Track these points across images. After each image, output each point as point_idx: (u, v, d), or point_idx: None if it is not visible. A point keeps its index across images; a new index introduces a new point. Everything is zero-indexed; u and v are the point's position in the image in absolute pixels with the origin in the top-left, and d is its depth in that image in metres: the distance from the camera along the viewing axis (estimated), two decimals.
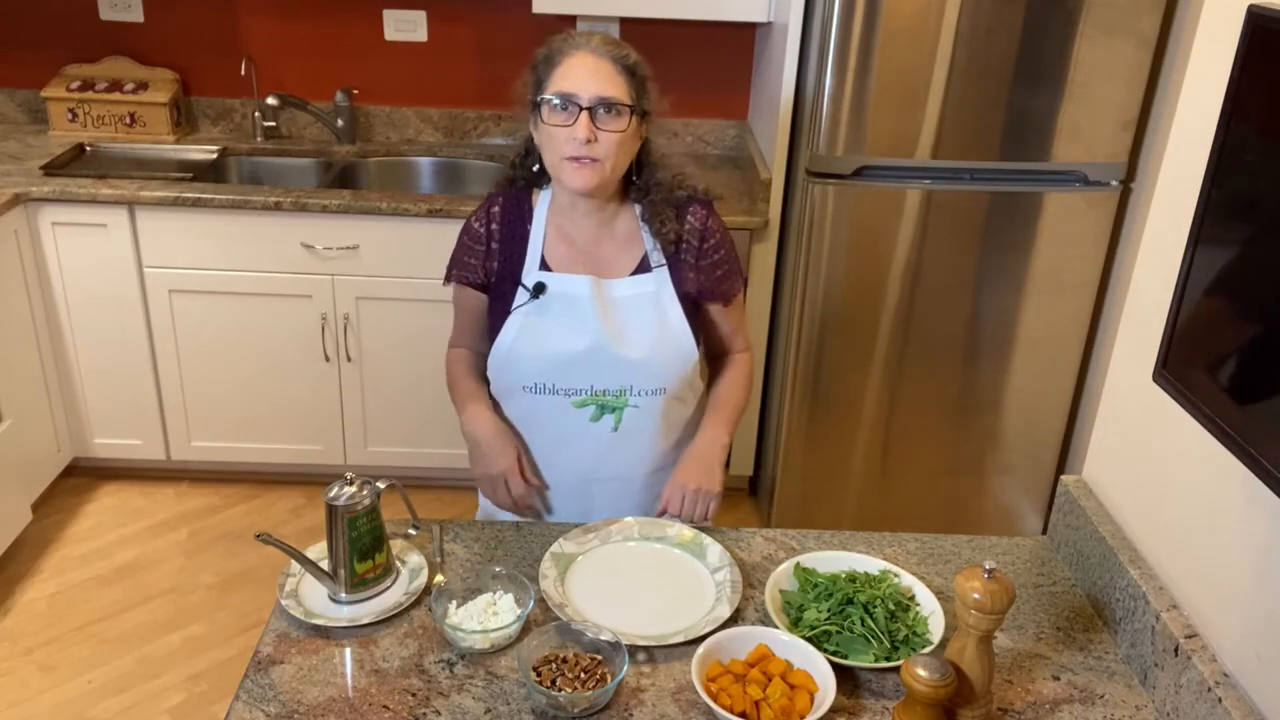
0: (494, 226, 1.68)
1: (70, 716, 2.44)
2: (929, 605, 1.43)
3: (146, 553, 2.99)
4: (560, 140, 1.55)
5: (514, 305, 1.65)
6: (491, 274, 1.69)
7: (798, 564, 1.50)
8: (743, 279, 1.78)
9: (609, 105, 1.53)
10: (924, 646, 1.37)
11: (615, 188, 1.64)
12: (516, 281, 1.65)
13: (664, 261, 1.65)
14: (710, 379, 1.80)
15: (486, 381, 1.77)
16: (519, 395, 1.69)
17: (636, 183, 1.65)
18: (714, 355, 1.80)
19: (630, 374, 1.64)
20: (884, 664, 1.33)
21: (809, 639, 1.35)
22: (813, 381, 2.88)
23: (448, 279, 1.75)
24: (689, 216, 1.67)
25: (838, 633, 1.37)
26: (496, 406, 1.74)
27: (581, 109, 1.52)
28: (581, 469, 1.72)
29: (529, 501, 1.66)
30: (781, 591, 1.46)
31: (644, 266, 1.66)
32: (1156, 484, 1.42)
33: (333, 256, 2.96)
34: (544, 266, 1.65)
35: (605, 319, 1.62)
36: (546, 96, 1.54)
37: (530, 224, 1.67)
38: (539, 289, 1.63)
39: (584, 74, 1.52)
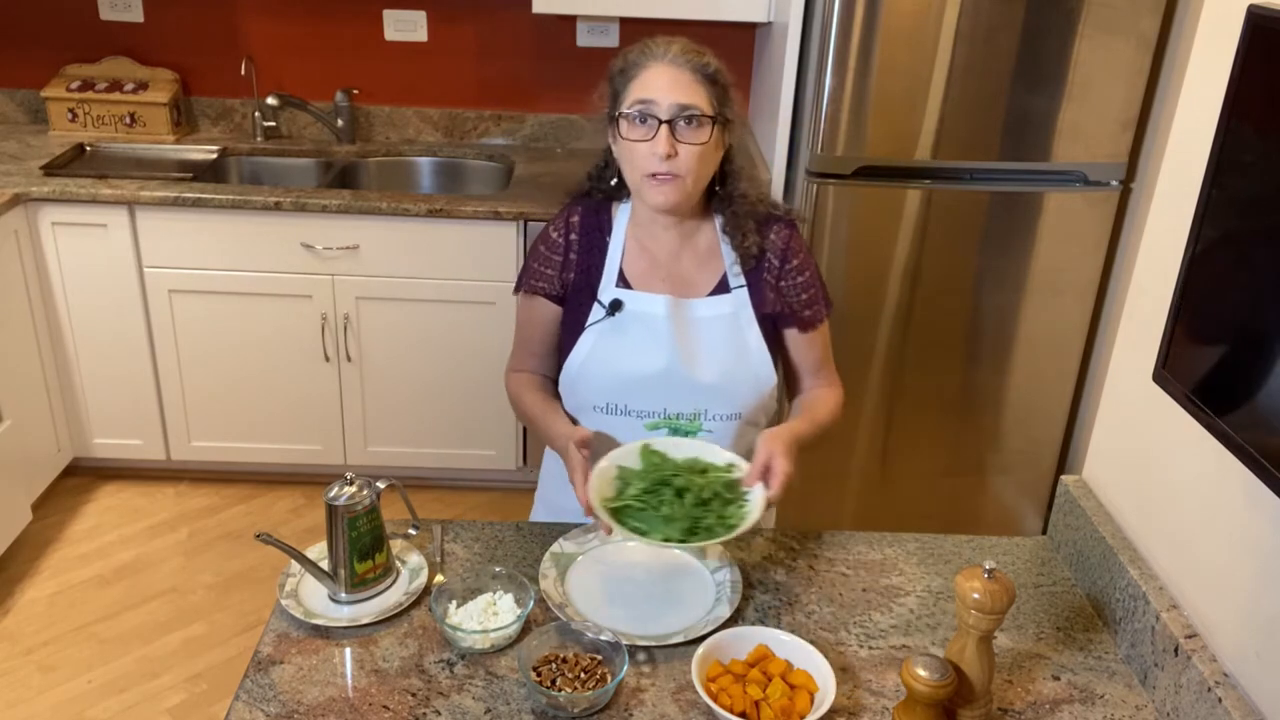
0: (573, 237, 1.63)
1: (70, 716, 2.44)
2: (756, 507, 1.43)
3: (146, 553, 3.00)
4: (640, 156, 1.49)
5: (589, 321, 1.60)
6: (568, 285, 1.63)
7: (646, 444, 1.52)
8: (828, 307, 1.68)
9: (689, 116, 1.47)
10: (725, 533, 1.37)
11: (698, 201, 1.58)
12: (592, 295, 1.61)
13: (744, 282, 1.60)
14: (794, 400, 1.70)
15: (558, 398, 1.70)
16: (589, 415, 1.64)
17: (719, 193, 1.59)
18: (795, 392, 1.70)
19: (704, 398, 1.59)
20: (674, 543, 1.36)
21: (613, 510, 1.40)
22: None
23: (519, 288, 1.68)
24: (772, 235, 1.60)
25: (641, 510, 1.40)
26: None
27: (661, 122, 1.46)
28: None
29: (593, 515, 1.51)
30: (620, 468, 1.49)
31: (723, 286, 1.60)
32: (1156, 484, 1.43)
33: (333, 256, 2.96)
34: (622, 281, 1.61)
35: (681, 341, 1.57)
36: (624, 110, 1.48)
37: (609, 236, 1.62)
38: (615, 306, 1.59)
39: (663, 85, 1.46)
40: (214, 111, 3.47)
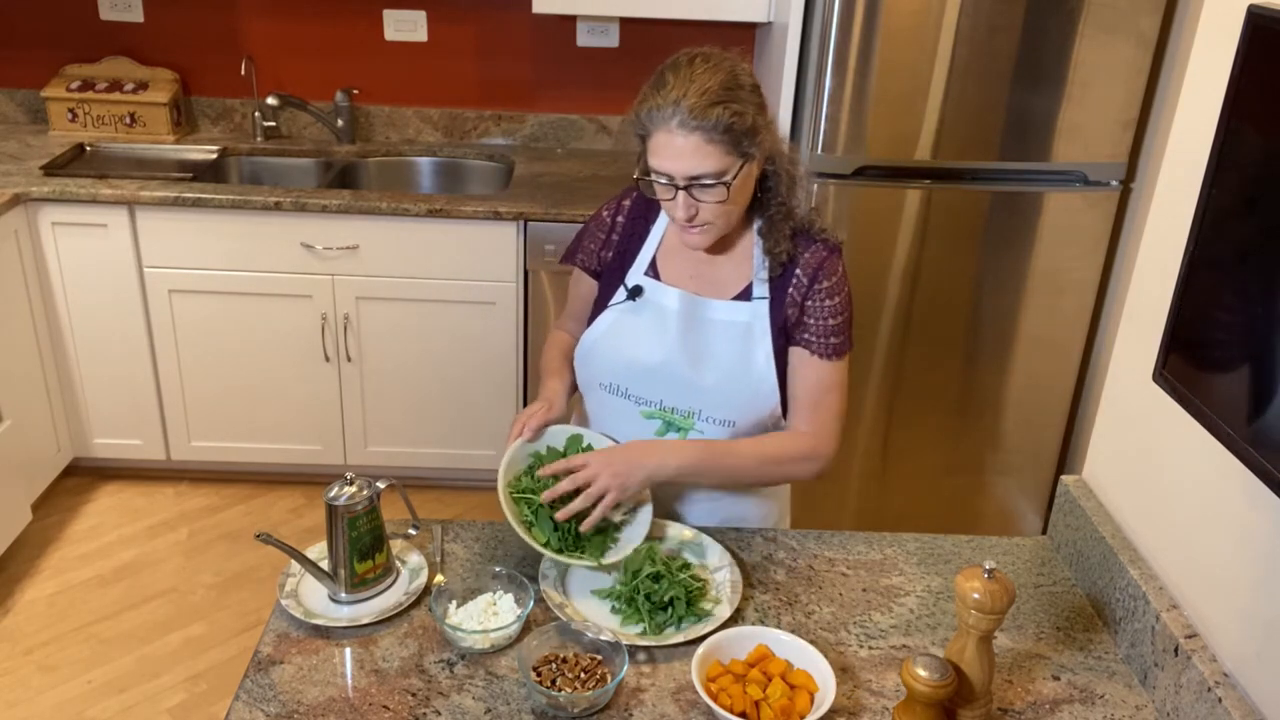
0: (620, 219, 1.68)
1: (70, 716, 2.44)
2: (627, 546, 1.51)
3: (146, 553, 3.00)
4: (667, 208, 1.53)
5: (610, 301, 1.65)
6: (604, 263, 1.69)
7: (578, 435, 1.62)
8: (848, 347, 1.60)
9: (703, 182, 1.46)
10: (590, 560, 1.47)
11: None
12: (623, 276, 1.65)
13: (767, 294, 1.58)
14: None
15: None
16: (596, 391, 1.68)
17: (759, 198, 1.58)
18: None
19: (700, 399, 1.60)
20: (548, 551, 1.47)
21: (516, 494, 1.52)
22: None
23: (565, 259, 1.76)
24: (807, 254, 1.57)
25: (539, 505, 1.50)
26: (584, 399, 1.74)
27: (678, 188, 1.47)
28: None
29: (519, 427, 1.61)
30: (549, 447, 1.60)
31: (746, 294, 1.59)
32: (1156, 484, 1.42)
33: (333, 256, 2.96)
34: (652, 269, 1.64)
35: (686, 338, 1.59)
36: (647, 177, 1.50)
37: (653, 225, 1.66)
38: (636, 291, 1.62)
39: (672, 154, 1.45)
40: (214, 111, 3.47)
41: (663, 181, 1.48)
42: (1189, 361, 1.16)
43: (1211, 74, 1.31)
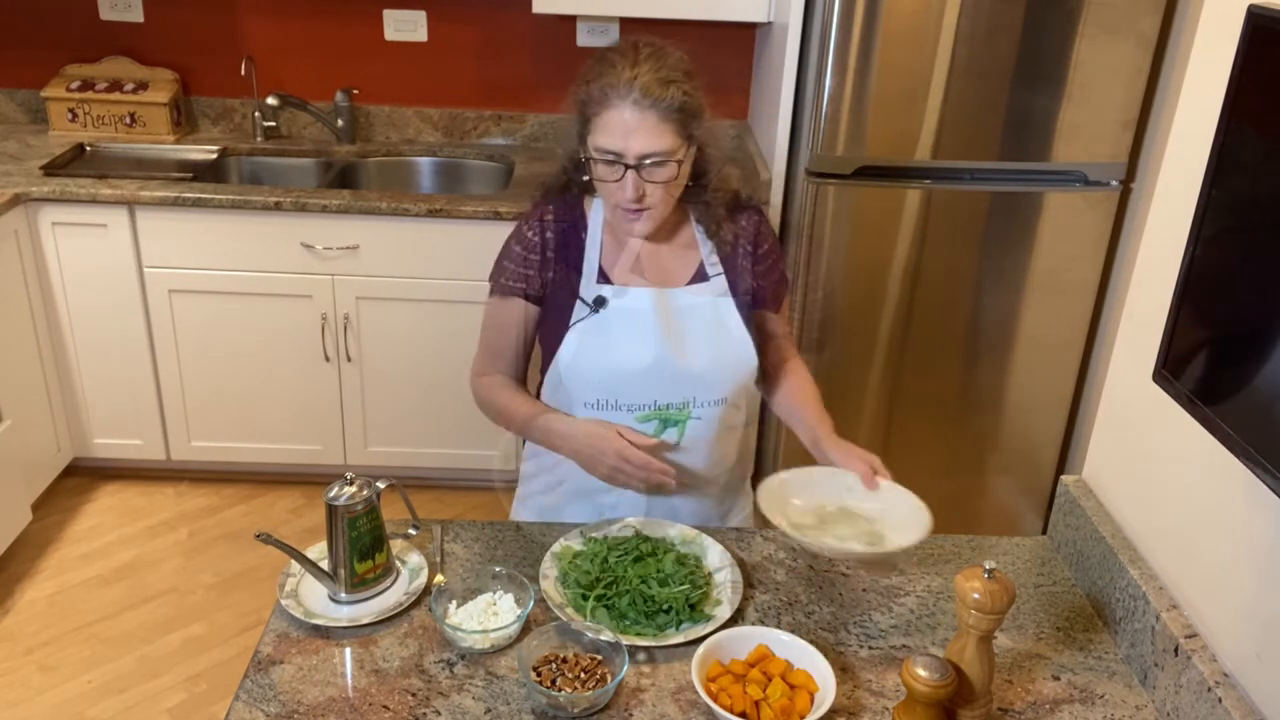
0: (549, 234, 1.62)
1: (70, 716, 2.44)
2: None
3: (146, 553, 3.00)
4: (610, 192, 1.52)
5: (573, 319, 1.60)
6: (547, 284, 1.63)
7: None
8: (789, 284, 1.81)
9: (655, 160, 1.47)
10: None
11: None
12: (573, 293, 1.61)
13: (720, 270, 1.63)
14: (770, 386, 1.76)
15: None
16: (580, 411, 1.63)
17: (692, 187, 1.60)
18: (771, 363, 1.75)
19: (692, 386, 1.60)
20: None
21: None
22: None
23: (495, 290, 1.66)
24: (742, 221, 1.65)
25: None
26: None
27: (627, 168, 1.47)
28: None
29: (659, 465, 1.53)
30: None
31: (700, 275, 1.63)
32: (1156, 484, 1.42)
33: (333, 256, 2.96)
34: (603, 277, 1.61)
35: (667, 331, 1.59)
36: (591, 155, 1.49)
37: (585, 233, 1.63)
38: (599, 302, 1.59)
39: (626, 130, 1.45)
40: (214, 111, 3.47)
41: (609, 160, 1.48)
42: (1189, 361, 1.16)
43: (1211, 74, 1.31)
